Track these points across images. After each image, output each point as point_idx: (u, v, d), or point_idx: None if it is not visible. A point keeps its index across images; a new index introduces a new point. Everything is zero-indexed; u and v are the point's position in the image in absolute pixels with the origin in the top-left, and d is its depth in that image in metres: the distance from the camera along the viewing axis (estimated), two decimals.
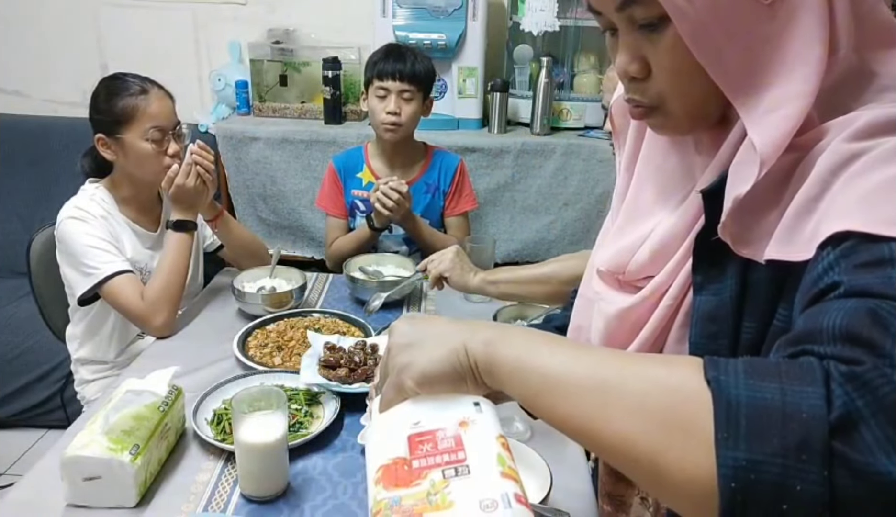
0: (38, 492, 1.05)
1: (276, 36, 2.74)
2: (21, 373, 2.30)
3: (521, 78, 2.66)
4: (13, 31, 2.89)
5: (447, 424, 0.57)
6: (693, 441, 0.46)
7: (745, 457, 0.43)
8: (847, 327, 0.46)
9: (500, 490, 0.52)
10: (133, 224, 1.68)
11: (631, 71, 0.65)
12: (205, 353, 1.45)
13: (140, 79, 1.61)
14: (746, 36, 0.59)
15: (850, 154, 0.54)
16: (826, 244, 0.52)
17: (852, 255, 0.50)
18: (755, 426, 0.44)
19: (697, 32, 0.59)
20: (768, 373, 0.46)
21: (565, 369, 0.53)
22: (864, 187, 0.52)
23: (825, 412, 0.43)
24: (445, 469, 0.54)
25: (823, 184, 0.55)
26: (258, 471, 1.04)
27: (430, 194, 2.03)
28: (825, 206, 0.54)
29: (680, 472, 0.46)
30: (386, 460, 0.57)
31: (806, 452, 0.42)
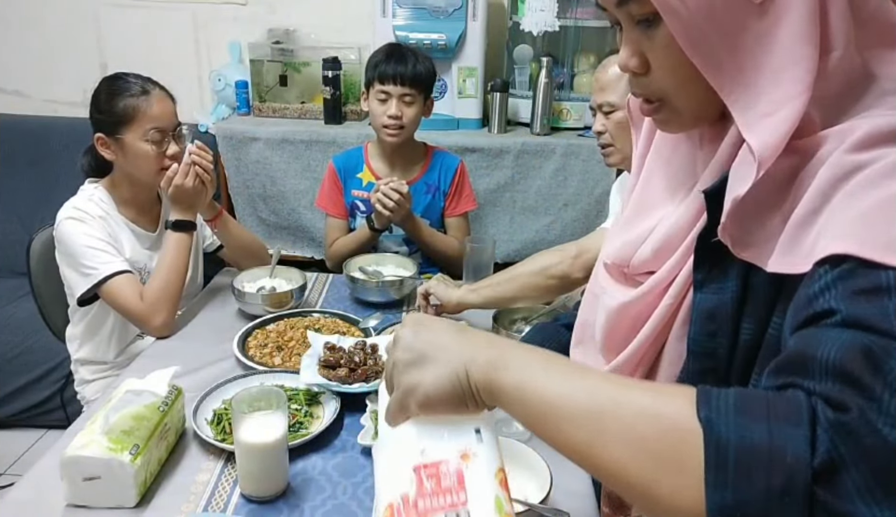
0: (38, 492, 1.05)
1: (276, 36, 2.74)
2: (21, 373, 2.30)
3: (521, 78, 2.65)
4: (13, 31, 2.89)
5: (450, 456, 0.60)
6: (684, 477, 0.48)
7: (731, 498, 0.46)
8: (840, 364, 0.47)
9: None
10: (132, 224, 1.68)
11: (630, 65, 0.67)
12: (205, 353, 1.45)
13: (142, 79, 1.61)
14: (738, 34, 0.59)
15: (850, 166, 0.55)
16: (824, 262, 0.52)
17: (850, 279, 0.50)
18: (743, 467, 0.46)
19: (689, 30, 0.59)
20: (758, 411, 0.48)
21: (563, 397, 0.55)
22: (864, 205, 0.53)
23: (809, 457, 0.44)
24: (448, 513, 0.57)
25: (823, 197, 0.55)
26: (258, 471, 1.04)
27: (430, 195, 2.03)
28: (824, 219, 0.55)
29: (671, 504, 0.49)
30: (394, 498, 0.59)
31: (789, 496, 0.44)
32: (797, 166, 0.59)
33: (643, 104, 0.70)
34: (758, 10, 0.58)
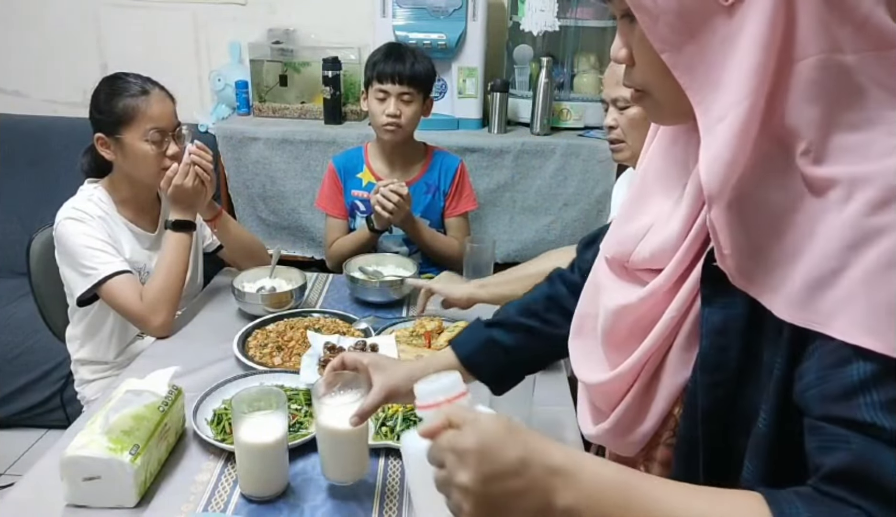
0: (38, 492, 1.05)
1: (276, 36, 2.74)
2: (21, 373, 2.30)
3: (521, 78, 2.65)
4: (13, 31, 2.89)
5: None
6: None
7: None
8: (884, 488, 0.53)
9: None
10: (131, 224, 1.68)
11: (619, 57, 0.69)
12: (205, 353, 1.45)
13: (141, 79, 1.61)
14: (706, 35, 0.59)
15: (869, 230, 0.55)
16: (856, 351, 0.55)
17: (885, 385, 0.54)
18: None
19: (658, 27, 0.60)
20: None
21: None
22: (890, 292, 0.54)
23: None
24: None
25: (841, 260, 0.56)
26: (258, 471, 1.04)
27: (430, 195, 2.03)
28: (845, 290, 0.56)
29: None
30: None
31: None
32: (796, 202, 0.59)
33: (633, 93, 0.72)
34: (726, 12, 0.58)
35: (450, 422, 0.62)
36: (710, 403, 0.69)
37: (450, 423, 0.62)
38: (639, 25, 0.63)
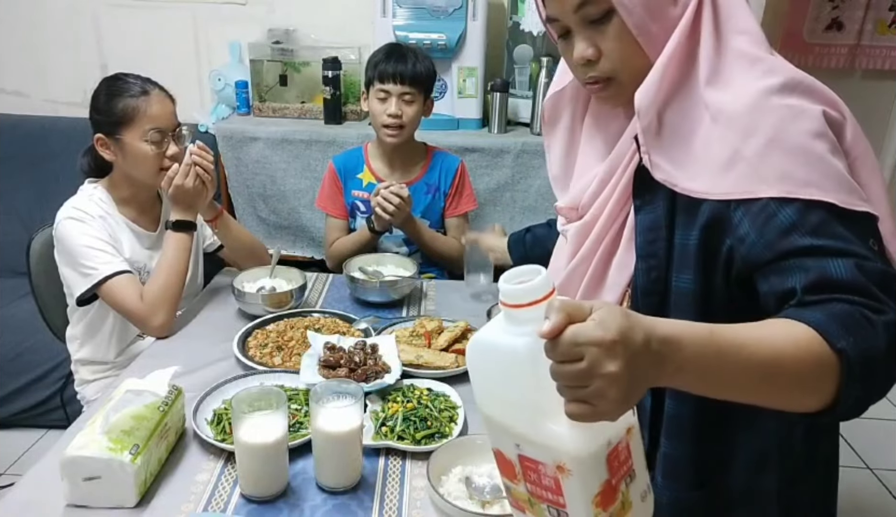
0: (38, 492, 1.05)
1: (276, 36, 2.74)
2: (21, 373, 2.30)
3: (521, 78, 2.66)
4: (13, 31, 2.89)
5: (621, 439, 0.70)
6: (825, 386, 0.72)
7: (857, 391, 0.72)
8: (854, 283, 0.75)
9: (646, 481, 0.74)
10: (132, 224, 1.68)
11: (588, 55, 0.92)
12: (205, 353, 1.45)
13: (141, 80, 1.61)
14: (664, 19, 0.88)
15: (748, 126, 0.82)
16: (774, 203, 0.80)
17: (807, 216, 0.79)
18: (863, 374, 0.71)
19: (634, 19, 0.87)
20: (853, 325, 0.72)
21: (738, 378, 0.70)
22: (777, 159, 0.81)
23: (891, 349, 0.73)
24: (625, 478, 0.70)
25: (735, 147, 0.83)
26: (258, 471, 1.04)
27: (430, 195, 2.03)
28: (746, 165, 0.82)
29: (815, 406, 0.73)
30: (599, 486, 0.67)
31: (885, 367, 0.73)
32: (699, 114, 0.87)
33: (593, 85, 0.95)
34: (673, 3, 0.88)
35: (571, 318, 0.62)
36: (646, 283, 0.95)
37: (571, 319, 0.63)
38: (611, 24, 0.88)
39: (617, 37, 0.89)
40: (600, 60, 0.92)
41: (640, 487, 0.72)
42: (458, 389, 1.29)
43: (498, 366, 0.68)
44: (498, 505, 1.01)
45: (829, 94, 0.86)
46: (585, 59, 0.92)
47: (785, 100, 0.82)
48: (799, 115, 0.81)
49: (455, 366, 1.37)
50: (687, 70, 0.89)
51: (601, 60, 0.92)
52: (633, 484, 0.70)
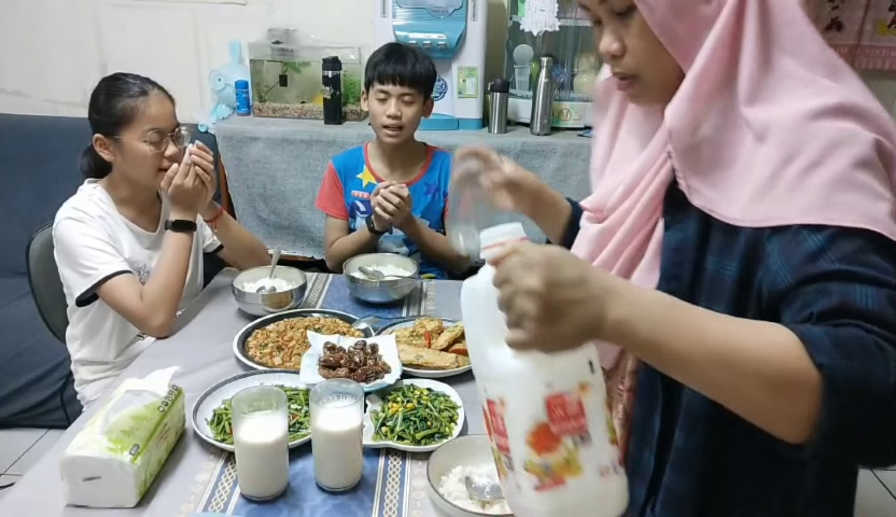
0: (38, 492, 1.05)
1: (276, 36, 2.74)
2: (21, 373, 2.30)
3: (521, 78, 2.66)
4: (13, 31, 2.89)
5: (572, 387, 0.71)
6: (802, 406, 0.63)
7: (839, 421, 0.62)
8: (879, 314, 0.65)
9: (611, 457, 0.72)
10: (131, 224, 1.68)
11: (611, 49, 0.86)
12: (205, 353, 1.45)
13: (140, 80, 1.60)
14: (692, 18, 0.79)
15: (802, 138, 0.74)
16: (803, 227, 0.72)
17: (837, 244, 0.70)
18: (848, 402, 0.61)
19: (656, 16, 0.79)
20: (850, 349, 0.62)
21: (693, 353, 0.65)
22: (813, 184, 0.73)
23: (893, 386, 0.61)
24: (574, 437, 0.70)
25: (778, 165, 0.75)
26: (258, 471, 1.04)
27: (430, 195, 2.03)
28: (783, 190, 0.74)
29: (786, 424, 0.65)
30: (533, 425, 0.70)
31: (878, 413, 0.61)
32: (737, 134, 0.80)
33: (619, 82, 0.89)
34: (706, 1, 0.79)
35: (516, 252, 0.68)
36: None
37: (515, 252, 0.68)
38: (634, 19, 0.81)
39: (639, 34, 0.82)
40: (624, 57, 0.85)
41: (597, 458, 0.71)
42: (458, 389, 1.29)
43: (473, 307, 0.78)
44: (498, 505, 1.01)
45: (887, 124, 0.77)
46: (609, 54, 0.86)
47: (835, 123, 0.74)
48: (848, 140, 0.73)
49: (455, 366, 1.37)
50: (725, 83, 0.80)
51: (625, 57, 0.85)
52: (586, 449, 0.70)
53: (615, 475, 0.72)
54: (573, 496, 0.70)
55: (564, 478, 0.69)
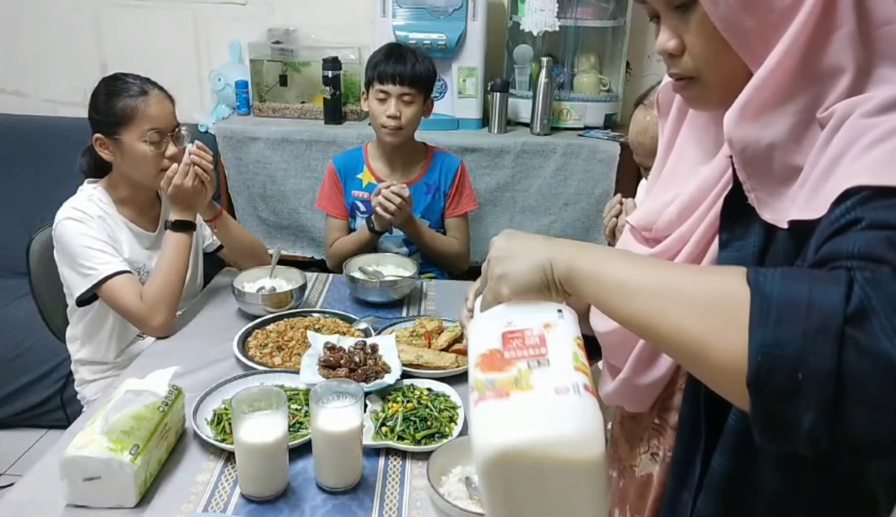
0: (38, 492, 1.05)
1: (276, 36, 2.74)
2: (21, 373, 2.30)
3: (521, 78, 2.65)
4: (13, 31, 2.88)
5: (534, 325, 0.69)
6: (733, 327, 0.55)
7: (771, 337, 0.53)
8: (867, 250, 0.54)
9: (572, 378, 0.64)
10: (131, 224, 1.68)
11: (668, 47, 0.75)
12: (205, 353, 1.45)
13: (141, 80, 1.60)
14: (763, 12, 0.67)
15: (864, 127, 0.61)
16: (841, 200, 0.59)
17: (869, 202, 0.57)
18: (783, 313, 0.53)
19: (721, 8, 0.68)
20: (800, 276, 0.55)
21: (634, 275, 0.64)
22: (875, 154, 0.59)
23: (843, 305, 0.51)
24: (530, 361, 0.66)
25: (839, 156, 0.62)
26: (258, 471, 1.04)
27: (430, 195, 2.03)
28: (840, 170, 0.61)
29: (720, 353, 0.56)
30: (484, 350, 0.68)
31: (822, 335, 0.51)
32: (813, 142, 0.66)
33: (676, 83, 0.78)
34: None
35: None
36: None
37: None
38: (695, 13, 0.71)
39: (699, 30, 0.71)
40: (683, 56, 0.75)
41: (554, 379, 0.64)
42: (458, 389, 1.29)
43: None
44: None
45: None
46: (666, 52, 0.76)
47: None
48: None
49: (455, 366, 1.37)
50: (803, 84, 0.67)
51: (684, 55, 0.75)
52: (542, 371, 0.65)
53: (576, 395, 0.62)
54: (516, 409, 0.63)
55: (510, 392, 0.64)
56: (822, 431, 0.51)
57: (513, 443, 0.61)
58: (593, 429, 0.61)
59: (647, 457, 0.90)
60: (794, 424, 0.52)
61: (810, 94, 0.67)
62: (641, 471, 0.90)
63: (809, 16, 0.65)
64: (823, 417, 0.51)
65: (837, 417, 0.51)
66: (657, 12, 0.76)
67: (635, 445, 0.92)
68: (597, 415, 0.62)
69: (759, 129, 0.68)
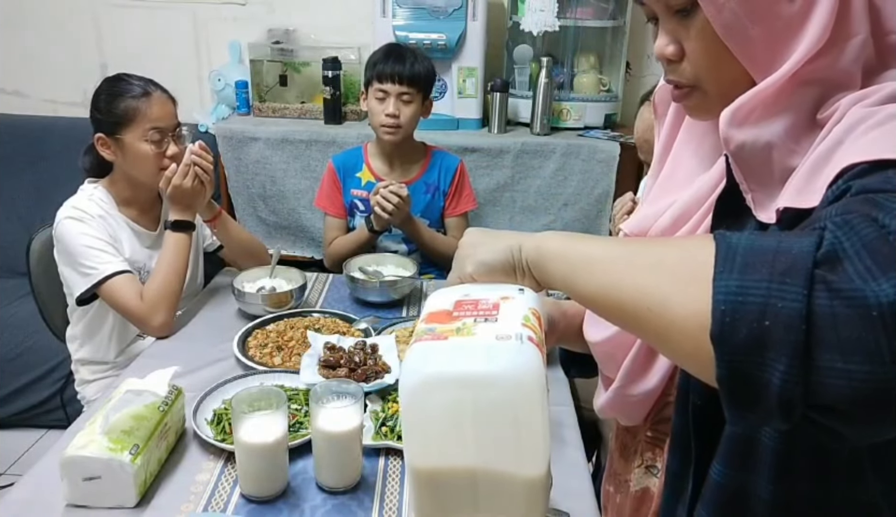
0: (38, 492, 1.05)
1: (276, 36, 2.74)
2: (21, 373, 2.30)
3: (521, 78, 2.65)
4: (13, 31, 2.88)
5: (491, 296, 0.66)
6: (696, 283, 0.51)
7: (736, 284, 0.48)
8: (844, 209, 0.51)
9: (517, 330, 0.60)
10: (132, 223, 1.68)
11: (667, 53, 0.71)
12: (205, 353, 1.45)
13: (143, 81, 1.61)
14: (770, 20, 0.63)
15: (863, 115, 0.59)
16: (834, 181, 0.56)
17: (863, 176, 0.54)
18: (748, 261, 0.49)
19: (724, 15, 0.64)
20: (770, 233, 0.53)
21: (598, 251, 0.61)
22: (871, 135, 0.56)
23: (813, 249, 0.48)
24: (477, 317, 0.62)
25: (837, 143, 0.59)
26: (258, 471, 1.04)
27: (429, 194, 2.03)
28: (837, 156, 0.58)
29: (681, 309, 0.52)
30: (433, 310, 0.66)
31: (790, 277, 0.47)
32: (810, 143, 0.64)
33: (674, 90, 0.75)
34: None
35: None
36: None
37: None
38: (696, 18, 0.67)
39: (700, 37, 0.68)
40: (683, 62, 0.71)
41: (498, 329, 0.60)
42: None
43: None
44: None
45: None
46: (665, 58, 0.72)
47: None
48: None
49: None
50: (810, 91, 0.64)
51: (683, 62, 0.71)
52: (488, 324, 0.61)
53: (517, 342, 0.58)
54: (451, 348, 0.59)
55: (448, 337, 0.60)
56: (794, 387, 0.46)
57: (443, 372, 0.58)
58: (532, 375, 0.57)
59: (643, 471, 0.89)
60: (765, 382, 0.47)
61: (813, 97, 0.64)
62: (637, 486, 0.89)
63: (823, 24, 0.61)
64: (794, 367, 0.46)
65: (809, 368, 0.46)
66: (655, 14, 0.73)
67: (630, 459, 0.91)
68: (537, 363, 0.58)
69: (757, 129, 0.66)
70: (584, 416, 1.42)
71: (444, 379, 0.58)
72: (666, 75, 0.75)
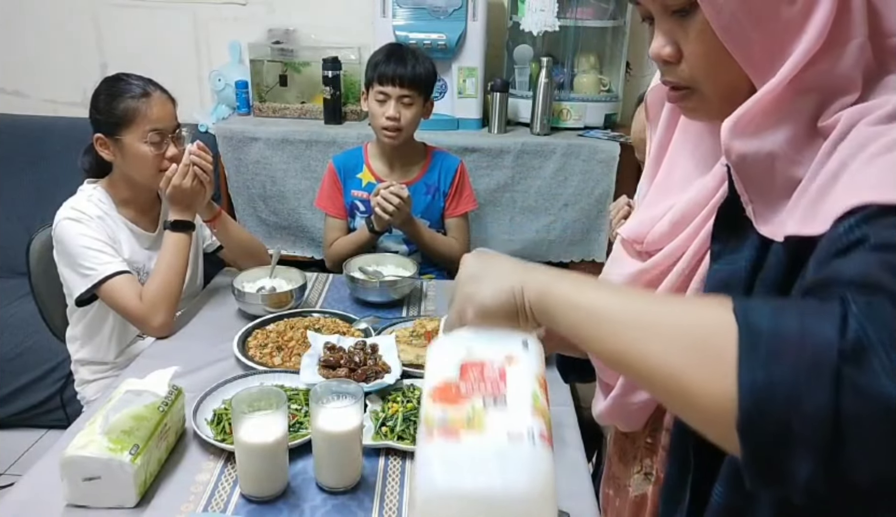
0: (38, 492, 1.05)
1: (276, 36, 2.74)
2: (21, 373, 2.30)
3: (521, 78, 2.65)
4: (13, 31, 2.88)
5: (495, 357, 0.65)
6: (719, 365, 0.49)
7: (762, 377, 0.47)
8: (865, 276, 0.49)
9: (528, 424, 0.60)
10: (131, 224, 1.68)
11: (664, 54, 0.70)
12: (205, 353, 1.45)
13: (143, 81, 1.60)
14: (770, 21, 0.62)
15: (870, 135, 0.57)
16: (844, 217, 0.54)
17: (875, 220, 0.52)
18: (774, 349, 0.47)
19: (723, 15, 0.63)
20: (791, 307, 0.50)
21: (609, 306, 0.59)
22: (881, 164, 0.55)
23: (837, 337, 0.46)
24: (486, 397, 0.62)
25: (842, 165, 0.58)
26: (258, 471, 1.04)
27: (429, 195, 2.03)
28: (843, 183, 0.57)
29: (705, 393, 0.50)
30: (439, 381, 0.65)
31: (816, 373, 0.46)
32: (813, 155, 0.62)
33: (671, 92, 0.73)
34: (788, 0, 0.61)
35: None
36: None
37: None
38: (695, 19, 0.65)
39: (699, 38, 0.66)
40: (680, 64, 0.70)
41: (510, 423, 0.61)
42: None
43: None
44: None
45: None
46: (661, 59, 0.71)
47: None
48: None
49: None
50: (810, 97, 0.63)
51: (680, 63, 0.70)
52: (498, 411, 0.62)
53: (530, 444, 0.59)
54: (464, 452, 0.59)
55: (460, 432, 0.60)
56: (819, 480, 0.46)
57: (457, 487, 0.58)
58: (544, 485, 0.58)
59: (641, 477, 0.89)
60: (790, 473, 0.47)
61: (814, 103, 0.63)
62: (636, 491, 0.89)
63: (822, 26, 0.61)
64: (821, 465, 0.46)
65: (836, 464, 0.46)
66: (651, 14, 0.71)
67: (629, 464, 0.91)
68: (549, 470, 0.58)
69: (758, 140, 0.64)
70: (584, 416, 1.42)
71: (458, 494, 0.58)
72: (662, 76, 0.73)
